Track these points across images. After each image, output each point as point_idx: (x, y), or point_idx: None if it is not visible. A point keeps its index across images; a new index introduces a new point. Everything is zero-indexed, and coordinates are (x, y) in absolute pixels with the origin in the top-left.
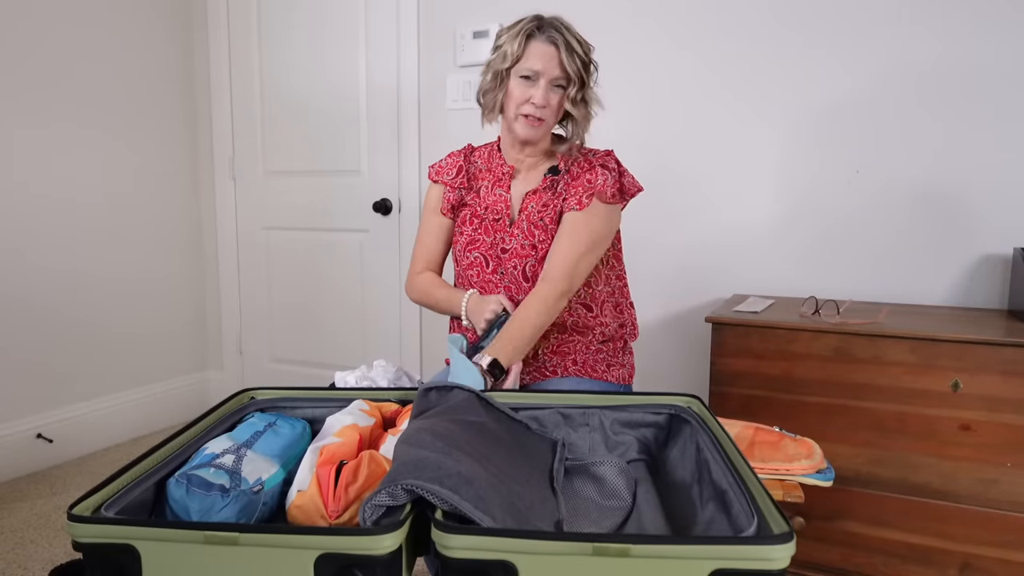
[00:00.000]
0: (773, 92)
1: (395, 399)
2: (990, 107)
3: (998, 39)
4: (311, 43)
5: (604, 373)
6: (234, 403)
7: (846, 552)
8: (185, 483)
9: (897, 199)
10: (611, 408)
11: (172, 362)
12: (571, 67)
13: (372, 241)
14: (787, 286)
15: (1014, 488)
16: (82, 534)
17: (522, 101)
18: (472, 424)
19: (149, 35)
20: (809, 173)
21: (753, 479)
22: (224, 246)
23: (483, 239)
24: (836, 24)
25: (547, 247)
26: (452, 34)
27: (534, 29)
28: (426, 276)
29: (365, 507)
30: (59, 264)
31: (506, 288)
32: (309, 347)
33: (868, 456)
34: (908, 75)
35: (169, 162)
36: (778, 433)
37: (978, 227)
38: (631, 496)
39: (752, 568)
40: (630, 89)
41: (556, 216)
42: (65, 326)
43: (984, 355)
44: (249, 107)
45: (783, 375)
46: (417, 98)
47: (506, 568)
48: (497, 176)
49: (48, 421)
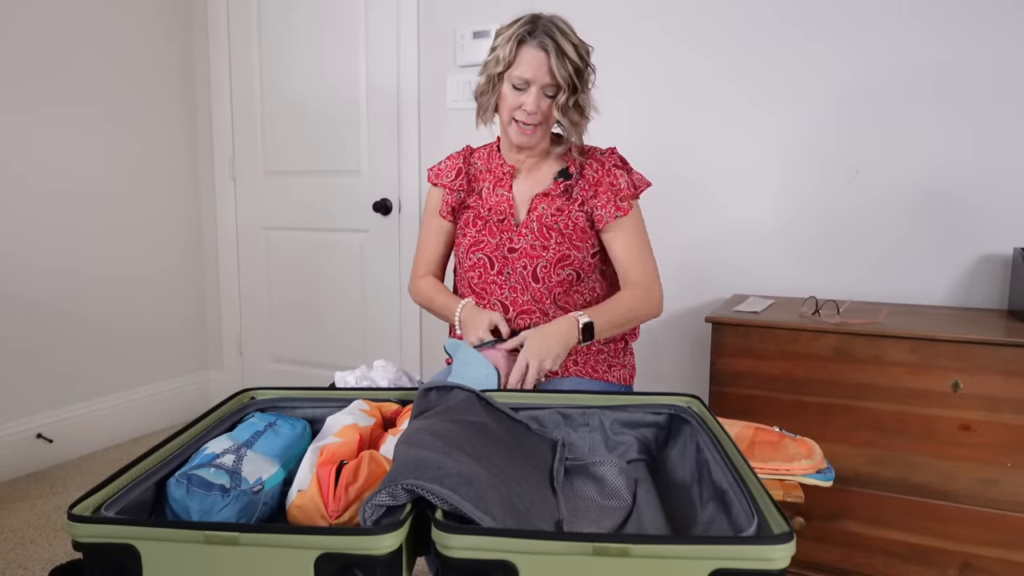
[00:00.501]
0: (774, 92)
1: (395, 399)
2: (991, 107)
3: (1000, 38)
4: (311, 43)
5: (605, 373)
6: (234, 403)
7: (846, 552)
8: (185, 483)
9: (897, 199)
10: (611, 408)
11: (172, 362)
12: (561, 74)
13: (372, 241)
14: (787, 286)
15: (1014, 488)
16: (82, 534)
17: (514, 107)
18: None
19: (149, 35)
20: (809, 173)
21: (753, 479)
22: (224, 246)
23: (488, 240)
24: (837, 25)
25: (562, 253)
26: (452, 34)
27: (526, 34)
28: (428, 281)
29: (365, 507)
30: (59, 264)
31: (511, 289)
32: (309, 347)
33: (868, 456)
34: (909, 75)
35: (169, 162)
36: (778, 433)
37: (978, 227)
38: (631, 496)
39: (752, 568)
40: (630, 88)
41: (577, 224)
42: (65, 326)
43: (984, 355)
44: (249, 107)
45: (783, 375)
46: (417, 98)
47: (506, 568)
48: (498, 176)
49: (48, 421)
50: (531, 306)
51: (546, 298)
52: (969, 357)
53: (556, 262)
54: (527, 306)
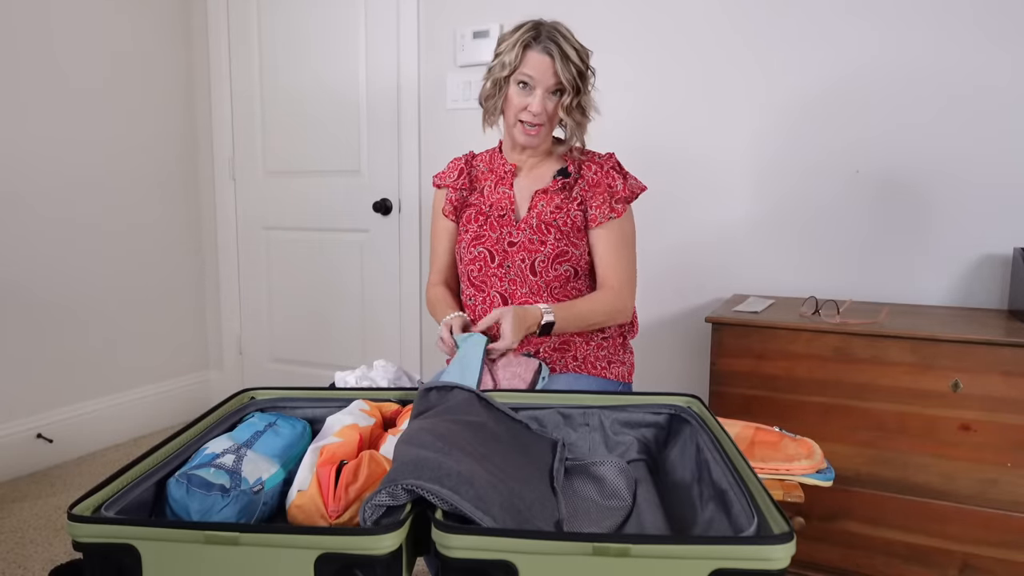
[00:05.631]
0: (774, 92)
1: (395, 399)
2: (990, 106)
3: (1001, 37)
4: (311, 43)
5: (604, 370)
6: (234, 403)
7: (846, 552)
8: (185, 483)
9: (897, 199)
10: (611, 408)
11: (172, 362)
12: (565, 76)
13: (372, 241)
14: (787, 286)
15: (1014, 488)
16: (82, 534)
17: (520, 109)
18: (472, 424)
19: (150, 35)
20: (809, 173)
21: (753, 479)
22: (224, 246)
23: (489, 235)
24: (839, 23)
25: (560, 249)
26: (452, 34)
27: (531, 39)
28: (437, 291)
29: (365, 507)
30: (59, 264)
31: (510, 282)
32: (309, 347)
33: (868, 456)
34: (909, 74)
35: (169, 162)
36: (778, 433)
37: (978, 227)
38: (631, 496)
39: (752, 568)
40: (630, 88)
41: (575, 222)
42: (65, 326)
43: (984, 355)
44: (249, 107)
45: (783, 375)
46: (417, 98)
47: (506, 568)
48: (499, 175)
49: (48, 421)
50: (529, 298)
51: (543, 291)
52: (969, 357)
53: (554, 258)
54: (525, 298)
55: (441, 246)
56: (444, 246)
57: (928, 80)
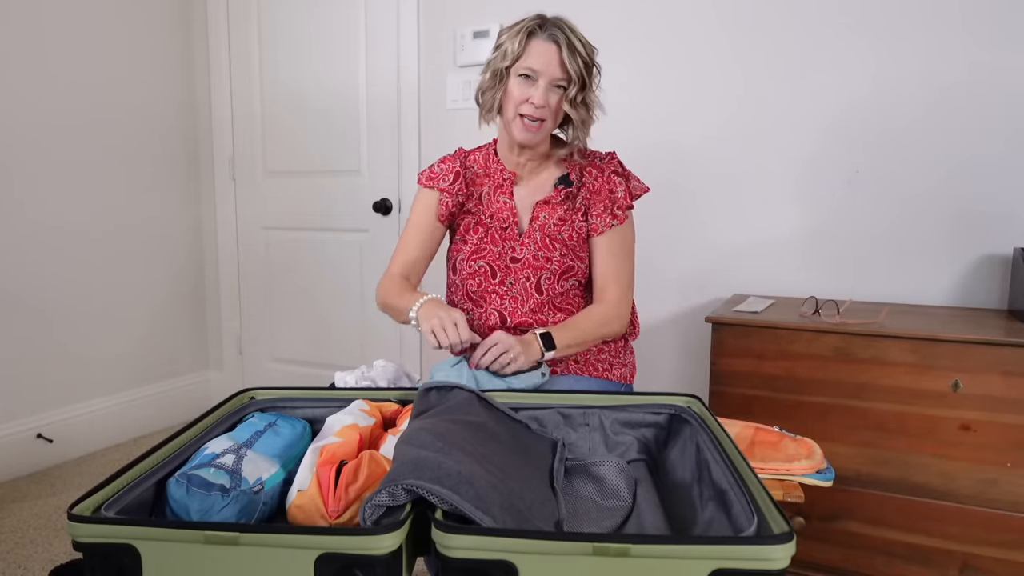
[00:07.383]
0: (774, 92)
1: (395, 399)
2: (990, 106)
3: (1002, 38)
4: (311, 43)
5: (606, 372)
6: (234, 403)
7: (846, 552)
8: (185, 483)
9: (897, 199)
10: (611, 408)
11: (172, 362)
12: (572, 67)
13: (372, 241)
14: (787, 286)
15: (1014, 488)
16: (82, 534)
17: (521, 101)
18: (472, 424)
19: (150, 34)
20: (809, 173)
21: (753, 479)
22: (224, 246)
23: (490, 248)
24: (839, 25)
25: (567, 264)
26: (452, 34)
27: (536, 27)
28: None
29: (365, 507)
30: (59, 264)
31: (511, 299)
32: (309, 347)
33: (868, 456)
34: (909, 76)
35: (169, 162)
36: (778, 433)
37: (978, 227)
38: (631, 496)
39: (752, 568)
40: (629, 88)
41: (579, 234)
42: (65, 326)
43: (984, 355)
44: (249, 107)
45: (783, 375)
46: (417, 98)
47: (506, 568)
48: (497, 182)
49: (48, 421)
50: (529, 316)
51: (546, 306)
52: (969, 357)
53: (560, 274)
54: (525, 316)
55: (416, 240)
56: (421, 243)
57: (928, 83)
